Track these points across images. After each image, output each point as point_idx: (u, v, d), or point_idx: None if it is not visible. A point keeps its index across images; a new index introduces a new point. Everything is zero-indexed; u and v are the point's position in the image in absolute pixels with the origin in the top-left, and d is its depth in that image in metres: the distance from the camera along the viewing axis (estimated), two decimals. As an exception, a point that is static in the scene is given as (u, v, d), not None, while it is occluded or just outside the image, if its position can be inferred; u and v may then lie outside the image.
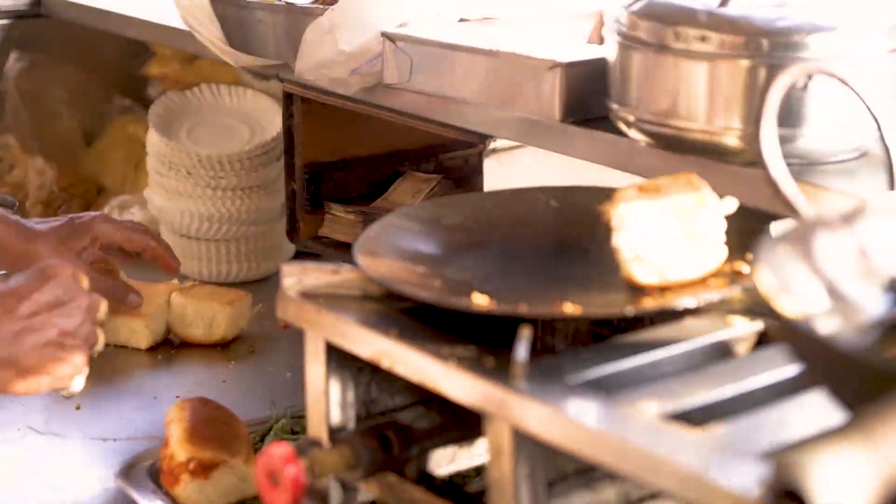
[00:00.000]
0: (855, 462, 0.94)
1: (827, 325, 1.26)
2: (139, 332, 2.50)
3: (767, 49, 1.69)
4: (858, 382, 1.07)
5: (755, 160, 1.71)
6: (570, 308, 1.52)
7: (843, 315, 1.28)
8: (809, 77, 1.53)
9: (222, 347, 2.53)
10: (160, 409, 2.19)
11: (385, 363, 1.55)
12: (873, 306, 1.33)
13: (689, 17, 1.73)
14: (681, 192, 1.59)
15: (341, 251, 2.54)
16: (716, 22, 1.71)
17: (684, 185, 1.61)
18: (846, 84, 1.52)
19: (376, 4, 2.17)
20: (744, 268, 1.60)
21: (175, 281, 2.61)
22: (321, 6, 2.32)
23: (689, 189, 1.60)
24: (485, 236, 1.79)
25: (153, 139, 2.86)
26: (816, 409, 1.34)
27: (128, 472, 1.97)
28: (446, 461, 1.83)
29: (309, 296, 1.66)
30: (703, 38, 1.71)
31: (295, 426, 2.13)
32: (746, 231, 1.64)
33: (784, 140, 1.63)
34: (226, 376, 2.44)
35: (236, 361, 2.50)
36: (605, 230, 1.64)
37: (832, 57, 1.66)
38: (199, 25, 2.50)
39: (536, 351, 1.48)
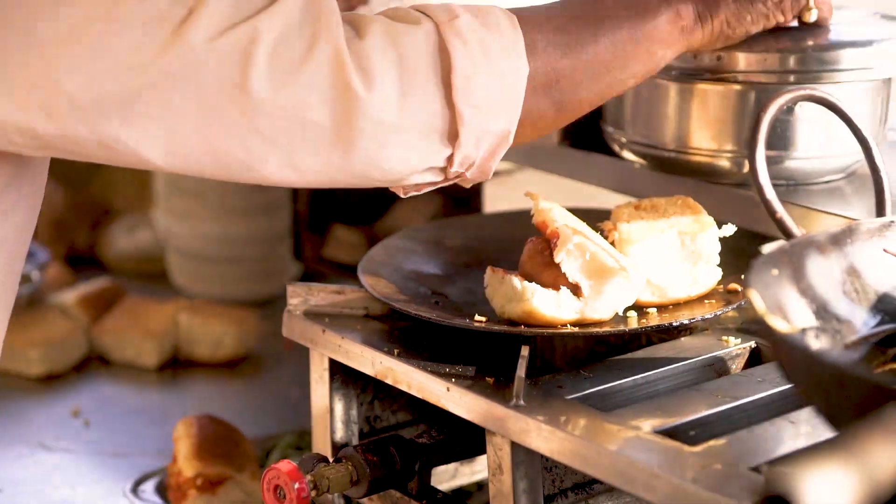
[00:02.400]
0: (841, 475, 0.98)
1: (816, 343, 1.30)
2: (147, 351, 2.54)
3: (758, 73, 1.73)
4: (846, 398, 1.11)
5: (744, 181, 1.75)
6: (568, 327, 1.57)
7: (832, 333, 1.33)
8: (795, 102, 1.57)
9: (228, 366, 2.57)
10: (168, 425, 2.22)
11: (389, 381, 1.60)
12: (861, 324, 1.37)
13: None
14: (680, 214, 1.64)
15: (345, 272, 2.58)
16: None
17: (682, 208, 1.65)
18: (837, 108, 1.56)
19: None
20: (737, 287, 1.65)
21: (182, 300, 2.65)
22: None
23: (688, 211, 1.64)
24: (485, 257, 1.83)
25: (160, 161, 2.89)
26: (806, 426, 1.39)
27: (136, 487, 2.00)
28: (448, 477, 1.88)
29: (314, 315, 1.71)
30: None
31: (300, 442, 2.17)
32: (737, 250, 1.68)
33: (772, 162, 1.67)
34: (232, 394, 2.47)
35: (242, 379, 2.53)
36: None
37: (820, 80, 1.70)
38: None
39: (535, 368, 1.52)
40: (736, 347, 1.61)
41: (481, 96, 1.44)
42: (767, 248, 1.37)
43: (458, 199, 2.39)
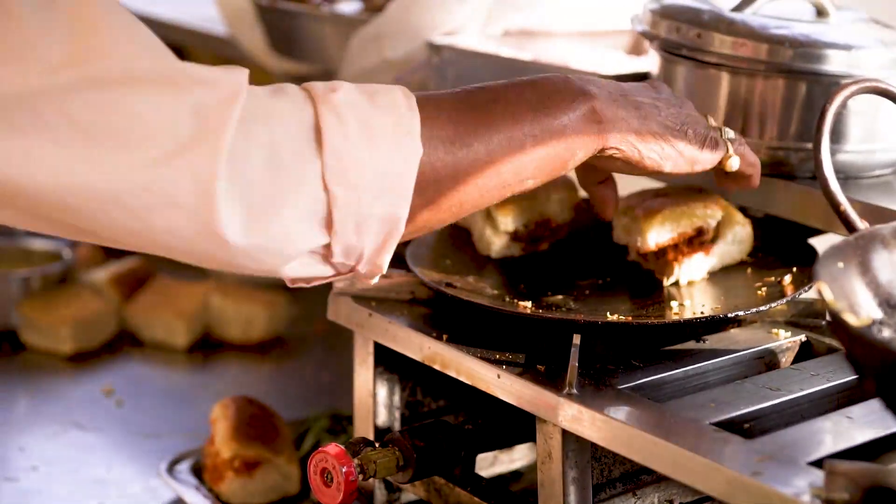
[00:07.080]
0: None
1: (885, 336, 1.30)
2: (178, 331, 2.54)
3: (806, 64, 1.72)
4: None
5: (787, 173, 1.74)
6: (619, 316, 1.56)
7: (895, 327, 1.32)
8: (860, 94, 1.56)
9: (259, 348, 2.56)
10: (199, 407, 2.22)
11: (437, 366, 1.59)
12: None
13: (729, 31, 1.75)
14: (700, 202, 1.66)
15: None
16: (756, 37, 1.73)
17: (703, 198, 1.67)
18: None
19: (422, 14, 2.20)
20: (786, 279, 1.64)
21: (213, 281, 2.65)
22: (367, 14, 2.35)
23: (708, 200, 1.66)
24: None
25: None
26: (861, 420, 1.39)
27: (172, 468, 2.00)
28: (487, 464, 1.87)
29: (360, 298, 1.70)
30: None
31: (333, 426, 2.16)
32: (783, 242, 1.68)
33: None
34: (262, 376, 2.47)
35: (272, 362, 2.53)
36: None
37: (873, 72, 1.69)
38: (241, 31, 2.54)
39: (584, 356, 1.52)
40: (787, 340, 1.60)
41: (358, 176, 1.31)
42: (832, 242, 1.35)
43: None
